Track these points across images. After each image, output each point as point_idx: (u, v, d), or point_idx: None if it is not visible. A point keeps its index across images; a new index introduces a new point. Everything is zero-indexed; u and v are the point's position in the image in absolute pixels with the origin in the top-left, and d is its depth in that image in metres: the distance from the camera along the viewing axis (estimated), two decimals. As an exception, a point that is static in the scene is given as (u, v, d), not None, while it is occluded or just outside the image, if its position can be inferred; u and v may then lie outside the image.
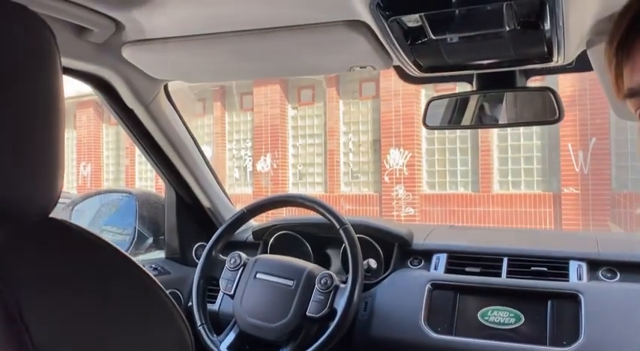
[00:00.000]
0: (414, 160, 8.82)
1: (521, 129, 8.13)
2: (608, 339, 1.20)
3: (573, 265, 1.38)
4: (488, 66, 1.15)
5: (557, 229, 7.88)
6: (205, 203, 1.75)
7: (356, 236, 1.35)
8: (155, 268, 1.70)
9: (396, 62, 1.14)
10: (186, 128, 1.61)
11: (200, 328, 1.39)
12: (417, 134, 8.86)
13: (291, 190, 10.08)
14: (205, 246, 1.54)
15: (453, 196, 8.67)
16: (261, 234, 1.73)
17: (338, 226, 1.36)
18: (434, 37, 0.98)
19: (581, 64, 1.12)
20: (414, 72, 1.17)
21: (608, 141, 7.68)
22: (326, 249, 1.70)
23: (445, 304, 1.38)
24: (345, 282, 1.34)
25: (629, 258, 1.37)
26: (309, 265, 1.41)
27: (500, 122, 1.27)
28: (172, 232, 1.77)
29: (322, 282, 1.33)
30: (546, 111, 1.18)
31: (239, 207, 1.82)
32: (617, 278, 1.34)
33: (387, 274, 1.52)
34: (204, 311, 1.43)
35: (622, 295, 1.28)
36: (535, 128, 8.14)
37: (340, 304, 1.29)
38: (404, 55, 1.07)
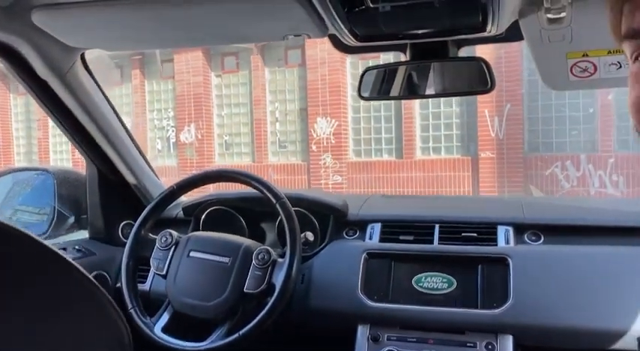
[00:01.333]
0: (340, 129, 8.88)
1: (442, 96, 8.36)
2: (535, 299, 1.27)
3: (501, 230, 1.43)
4: (423, 36, 1.14)
5: (475, 191, 8.29)
6: (130, 180, 1.66)
7: (292, 210, 1.33)
8: (79, 250, 1.60)
9: (332, 31, 1.10)
10: (107, 100, 1.50)
11: (131, 311, 1.33)
12: (343, 103, 8.91)
13: (218, 161, 9.89)
14: (132, 224, 1.47)
15: (378, 163, 8.85)
16: (192, 210, 1.67)
17: (274, 201, 1.33)
18: (371, 5, 0.96)
19: (512, 34, 1.13)
20: (350, 41, 1.14)
21: (521, 107, 8.08)
22: (260, 223, 1.67)
23: (381, 272, 1.40)
24: (282, 256, 1.32)
25: (551, 221, 1.44)
26: (246, 241, 1.38)
27: (434, 92, 1.27)
28: (96, 211, 1.67)
29: (259, 257, 1.30)
30: (478, 81, 1.20)
31: (164, 180, 1.74)
32: (541, 241, 1.41)
33: (323, 245, 1.51)
34: (134, 293, 1.36)
35: (546, 257, 1.35)
36: (455, 95, 8.40)
37: (278, 279, 1.28)
38: (340, 23, 1.04)
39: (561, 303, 1.25)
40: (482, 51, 7.83)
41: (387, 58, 6.97)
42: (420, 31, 1.12)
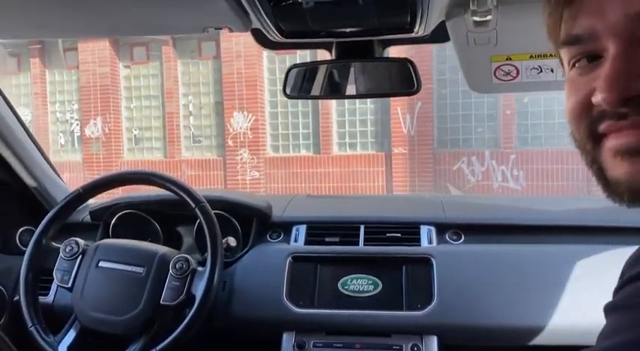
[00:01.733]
0: (257, 124, 8.76)
1: (357, 92, 8.50)
2: (458, 299, 1.28)
3: (424, 230, 1.44)
4: (350, 34, 1.11)
5: (388, 186, 8.51)
6: (29, 181, 1.50)
7: (213, 214, 1.26)
8: (-33, 261, 1.42)
9: (256, 25, 1.04)
10: (-1, 92, 1.34)
11: (32, 329, 1.20)
12: (260, 97, 8.79)
13: (127, 156, 9.42)
14: (32, 231, 1.33)
15: (296, 159, 8.84)
16: (100, 214, 1.53)
17: (193, 205, 1.25)
18: (299, 0, 0.91)
19: (438, 35, 1.12)
20: (275, 37, 1.08)
21: (431, 105, 8.39)
22: (176, 227, 1.57)
23: (306, 276, 1.36)
24: (202, 264, 1.24)
25: (471, 220, 1.47)
26: (161, 249, 1.28)
27: (359, 93, 1.24)
28: (-12, 217, 1.50)
29: (177, 266, 1.22)
30: (404, 82, 1.18)
31: (67, 176, 1.59)
32: (462, 240, 1.43)
33: (246, 250, 1.45)
34: (35, 309, 1.23)
35: (467, 256, 1.37)
36: (369, 92, 8.56)
37: (199, 290, 1.19)
38: (265, 18, 0.98)
39: (483, 302, 1.27)
40: (393, 51, 8.02)
41: (304, 54, 6.96)
42: (347, 30, 1.08)
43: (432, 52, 8.05)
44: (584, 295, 1.25)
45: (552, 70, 1.05)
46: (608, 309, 0.45)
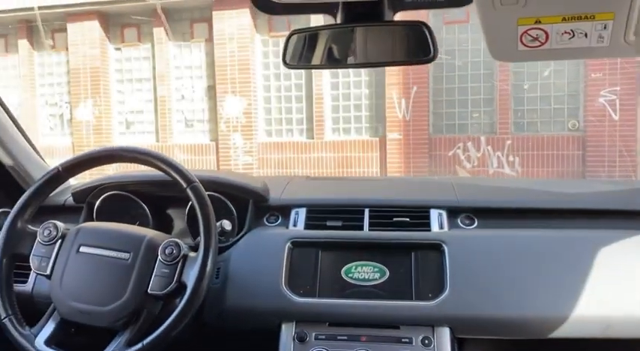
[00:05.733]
0: (250, 108, 8.61)
1: (351, 77, 8.40)
2: (473, 288, 1.18)
3: (434, 214, 1.33)
4: (357, -5, 1.00)
5: (382, 172, 8.43)
6: (6, 160, 1.38)
7: (206, 195, 1.14)
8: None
9: (254, -17, 0.92)
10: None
11: (5, 321, 1.09)
12: (254, 81, 8.63)
13: (118, 140, 9.25)
14: (8, 213, 1.21)
15: (289, 144, 8.72)
16: (83, 196, 1.42)
17: (185, 185, 1.13)
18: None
19: (455, -3, 1.01)
20: (275, -2, 0.97)
21: (426, 90, 8.27)
22: (167, 209, 1.46)
23: (307, 263, 1.26)
24: (194, 249, 1.13)
25: (485, 203, 1.37)
26: (149, 233, 1.17)
27: (369, 61, 1.13)
28: (-40, 198, 1.38)
29: (167, 252, 1.10)
30: (419, 48, 1.07)
31: (56, 161, 1.48)
32: (475, 225, 1.33)
33: (241, 234, 1.34)
34: (9, 299, 1.12)
35: (481, 242, 1.27)
36: (363, 77, 8.46)
37: (190, 277, 1.08)
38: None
39: (498, 291, 1.17)
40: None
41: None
42: (355, -11, 0.97)
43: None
44: (607, 284, 1.16)
45: (586, 35, 0.94)
46: None
